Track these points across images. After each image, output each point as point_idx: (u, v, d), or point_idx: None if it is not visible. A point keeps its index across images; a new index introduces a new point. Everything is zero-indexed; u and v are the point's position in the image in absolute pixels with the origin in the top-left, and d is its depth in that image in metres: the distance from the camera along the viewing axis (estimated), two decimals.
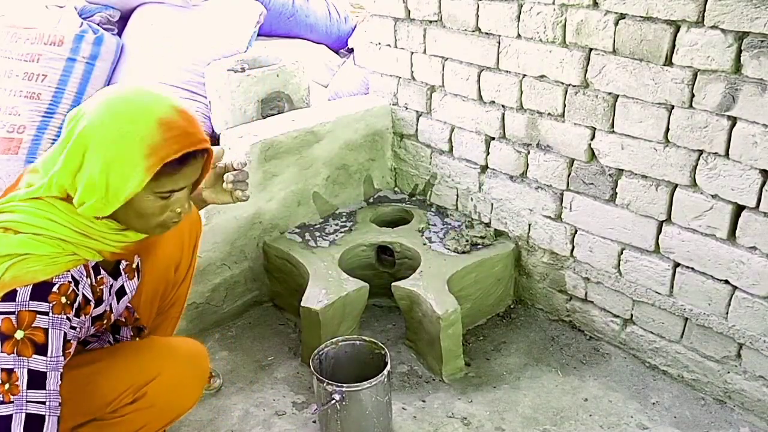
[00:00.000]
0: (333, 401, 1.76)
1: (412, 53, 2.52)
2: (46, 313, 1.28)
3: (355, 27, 3.80)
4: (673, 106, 1.82)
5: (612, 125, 1.98)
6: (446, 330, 2.04)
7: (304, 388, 2.09)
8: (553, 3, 1.99)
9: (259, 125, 2.48)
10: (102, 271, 1.48)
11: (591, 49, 1.96)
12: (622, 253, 2.09)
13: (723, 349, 1.93)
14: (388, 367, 1.82)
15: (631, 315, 2.15)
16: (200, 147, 1.36)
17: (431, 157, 2.61)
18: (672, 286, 1.99)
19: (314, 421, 1.96)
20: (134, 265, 1.60)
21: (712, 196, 1.82)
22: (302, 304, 2.08)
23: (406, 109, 2.64)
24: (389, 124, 2.71)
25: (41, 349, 1.27)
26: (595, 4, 1.90)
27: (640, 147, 1.93)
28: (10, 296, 1.25)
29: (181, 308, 1.90)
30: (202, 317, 2.33)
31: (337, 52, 3.79)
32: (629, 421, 1.93)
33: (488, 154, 2.38)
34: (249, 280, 2.45)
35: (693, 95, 1.77)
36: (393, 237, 2.42)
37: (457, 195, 2.55)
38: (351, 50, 3.65)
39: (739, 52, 1.65)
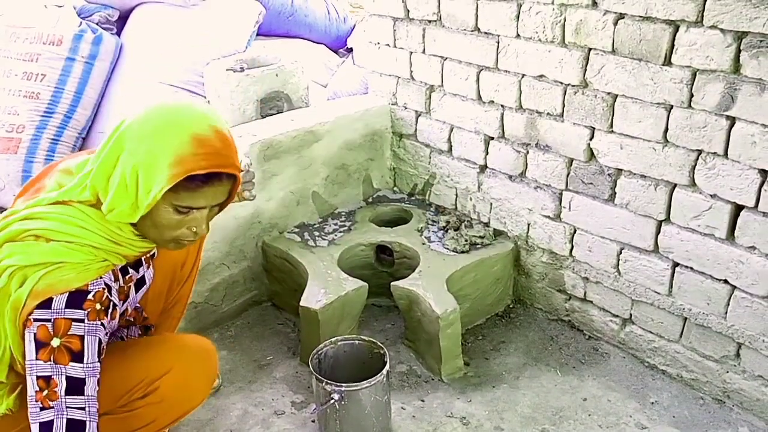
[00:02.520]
0: (332, 401, 1.76)
1: (411, 53, 2.52)
2: (82, 321, 1.29)
3: (354, 27, 3.80)
4: (672, 106, 1.83)
5: (611, 125, 1.98)
6: (445, 330, 2.04)
7: (303, 387, 2.09)
8: (552, 3, 2.00)
9: (258, 125, 2.48)
10: (130, 270, 1.51)
11: (590, 49, 1.96)
12: (621, 253, 2.09)
13: (722, 348, 1.94)
14: (387, 366, 1.82)
15: (630, 314, 2.15)
16: (228, 170, 1.35)
17: (430, 157, 2.61)
18: (671, 286, 2.00)
19: (313, 421, 1.96)
20: (152, 253, 1.62)
21: (711, 195, 1.82)
22: (301, 303, 2.08)
23: (405, 108, 2.64)
24: (388, 124, 2.71)
25: (78, 357, 1.29)
26: (594, 4, 1.90)
27: (639, 147, 1.93)
28: (46, 304, 1.26)
29: (183, 307, 1.91)
30: (201, 317, 2.33)
31: (336, 52, 3.79)
32: (628, 421, 1.93)
33: (487, 153, 2.38)
34: (248, 279, 2.45)
35: (692, 95, 1.77)
36: (392, 237, 2.42)
37: (456, 195, 2.55)
38: (350, 50, 3.65)
39: (738, 51, 1.65)
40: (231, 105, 2.62)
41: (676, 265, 1.96)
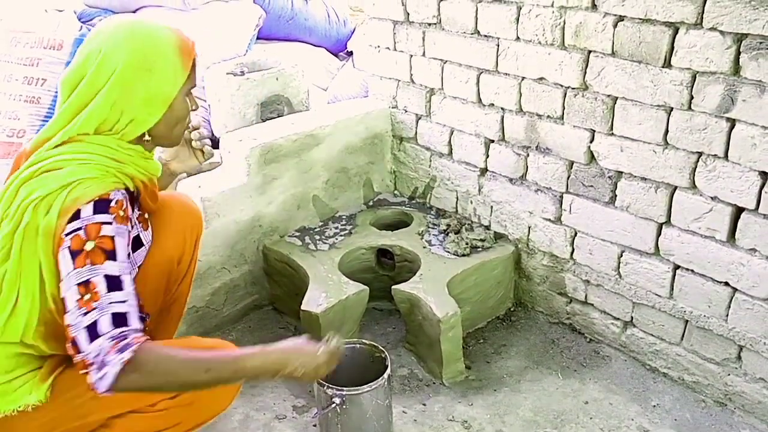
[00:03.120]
0: (333, 405, 1.76)
1: (411, 56, 2.52)
2: (110, 223, 1.34)
3: (354, 30, 3.80)
4: (672, 108, 1.82)
5: (611, 127, 1.98)
6: (446, 333, 2.03)
7: (305, 392, 2.08)
8: (552, 5, 2.00)
9: (259, 128, 2.48)
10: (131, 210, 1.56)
11: (590, 52, 1.96)
12: (621, 256, 2.09)
13: (723, 351, 1.93)
14: (389, 370, 1.81)
15: (632, 317, 2.15)
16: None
17: (431, 160, 2.61)
18: (672, 289, 1.99)
19: (315, 425, 1.95)
20: (146, 216, 1.66)
21: (711, 198, 1.82)
22: (302, 307, 2.08)
23: (406, 111, 2.64)
24: (389, 127, 2.72)
25: (111, 255, 1.32)
26: (594, 6, 1.90)
27: (639, 149, 1.93)
28: (75, 216, 1.32)
29: (182, 306, 1.91)
30: (203, 321, 2.33)
31: (336, 55, 3.79)
32: (630, 424, 1.93)
33: (488, 156, 2.38)
34: (249, 283, 2.45)
35: (692, 97, 1.77)
36: (393, 240, 2.42)
37: (457, 198, 2.55)
38: (350, 53, 3.65)
39: (738, 53, 1.65)
40: (231, 109, 2.62)
41: (676, 267, 1.96)
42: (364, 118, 2.63)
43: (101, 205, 1.35)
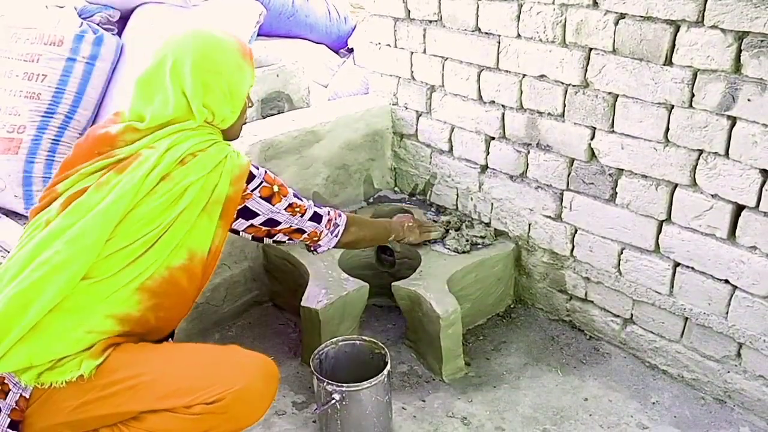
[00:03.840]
0: (333, 401, 1.76)
1: (412, 53, 2.52)
2: (267, 171, 1.76)
3: (355, 27, 3.80)
4: (673, 106, 1.83)
5: (612, 125, 1.98)
6: (446, 330, 2.04)
7: (304, 387, 2.09)
8: (553, 3, 1.99)
9: (259, 125, 2.48)
10: None
11: (591, 49, 1.96)
12: (622, 253, 2.09)
13: (723, 348, 1.93)
14: (388, 367, 1.82)
15: (631, 315, 2.15)
16: None
17: (431, 157, 2.61)
18: (672, 286, 2.00)
19: (314, 421, 1.96)
20: None
21: (712, 195, 1.82)
22: (302, 303, 2.08)
23: (406, 108, 2.64)
24: (389, 124, 2.71)
25: (287, 188, 1.78)
26: (595, 4, 1.90)
27: (640, 147, 1.93)
28: (251, 177, 1.68)
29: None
30: (202, 317, 2.33)
31: (337, 52, 3.78)
32: (629, 421, 1.93)
33: (488, 153, 2.38)
34: (249, 279, 2.45)
35: (693, 95, 1.77)
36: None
37: (457, 195, 2.55)
38: (351, 50, 3.65)
39: (739, 51, 1.65)
40: None
41: (677, 265, 1.96)
42: (364, 114, 2.63)
43: (255, 166, 1.72)
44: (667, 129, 1.85)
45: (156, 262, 1.55)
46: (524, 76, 2.16)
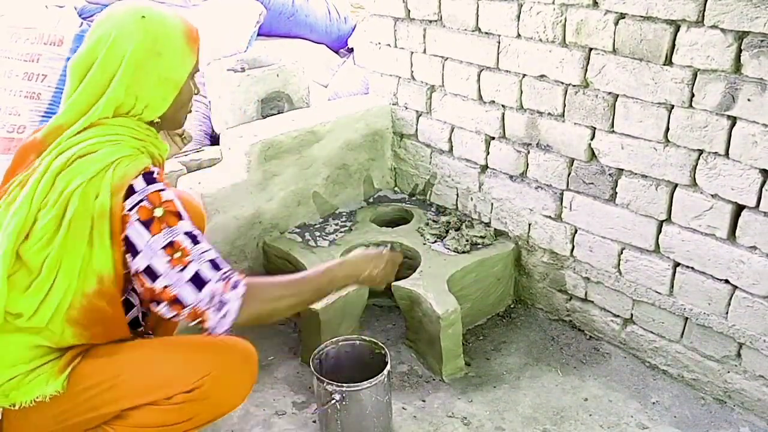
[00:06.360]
0: (333, 401, 1.76)
1: (412, 53, 2.52)
2: (164, 189, 1.42)
3: (355, 27, 3.80)
4: (673, 106, 1.83)
5: (612, 125, 1.98)
6: (446, 330, 2.04)
7: (304, 387, 2.09)
8: (553, 3, 1.99)
9: (259, 125, 2.48)
10: None
11: (591, 49, 1.96)
12: (622, 253, 2.09)
13: (723, 348, 1.93)
14: (388, 366, 1.82)
15: (631, 315, 2.15)
16: None
17: (431, 157, 2.61)
18: (672, 286, 2.00)
19: (314, 421, 1.96)
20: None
21: (712, 195, 1.82)
22: None
23: (406, 108, 2.64)
24: (389, 124, 2.72)
25: (180, 215, 1.42)
26: (595, 4, 1.90)
27: (640, 147, 1.93)
28: (130, 192, 1.38)
29: None
30: None
31: (337, 52, 3.79)
32: (629, 421, 1.93)
33: (488, 153, 2.38)
34: None
35: (693, 95, 1.77)
36: (393, 237, 2.42)
37: (457, 195, 2.55)
38: (351, 50, 3.65)
39: (739, 51, 1.65)
40: (232, 105, 2.62)
41: (677, 265, 1.96)
42: (364, 114, 2.63)
43: (149, 177, 1.41)
44: (667, 129, 1.85)
45: (69, 288, 1.40)
46: (524, 76, 2.16)
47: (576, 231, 2.20)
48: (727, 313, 1.88)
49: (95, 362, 1.48)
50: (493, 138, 2.34)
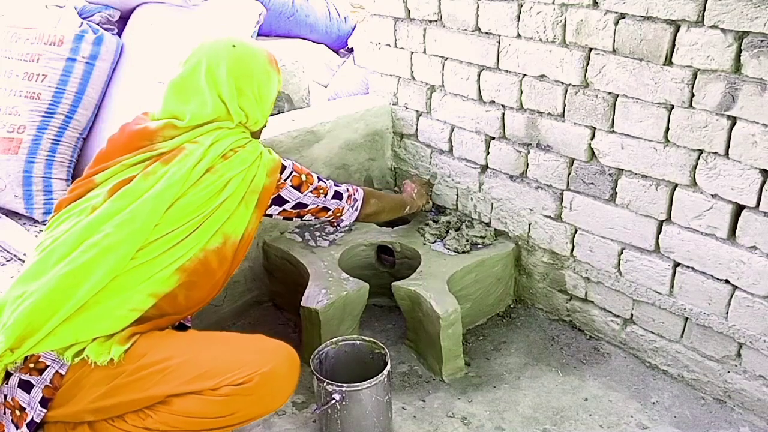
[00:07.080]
0: (333, 401, 1.76)
1: (412, 53, 2.52)
2: (294, 163, 1.91)
3: (355, 27, 3.80)
4: (673, 106, 1.82)
5: (612, 125, 1.98)
6: (446, 330, 2.04)
7: (304, 387, 2.09)
8: (553, 2, 1.99)
9: None
10: None
11: (591, 49, 1.96)
12: (622, 253, 2.09)
13: (723, 348, 1.93)
14: (388, 366, 1.82)
15: (631, 314, 2.15)
16: None
17: (431, 157, 2.61)
18: (672, 286, 1.99)
19: (314, 421, 1.96)
20: None
21: (712, 195, 1.82)
22: (302, 303, 2.08)
23: (406, 108, 2.64)
24: (389, 124, 2.71)
25: (311, 173, 1.93)
26: (595, 4, 1.90)
27: (640, 147, 1.93)
28: (282, 169, 1.84)
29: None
30: (203, 317, 2.33)
31: (337, 52, 3.78)
32: (629, 421, 1.93)
33: (488, 153, 2.38)
34: (249, 279, 2.45)
35: (693, 95, 1.77)
36: (393, 237, 2.42)
37: (457, 195, 2.55)
38: (351, 50, 3.65)
39: (739, 51, 1.65)
40: None
41: (677, 265, 1.96)
42: (364, 114, 2.63)
43: (283, 159, 1.87)
44: (667, 129, 1.85)
45: (196, 246, 1.66)
46: (524, 76, 2.16)
47: (576, 231, 2.20)
48: (727, 313, 1.88)
49: (151, 342, 1.57)
50: (493, 138, 2.34)
